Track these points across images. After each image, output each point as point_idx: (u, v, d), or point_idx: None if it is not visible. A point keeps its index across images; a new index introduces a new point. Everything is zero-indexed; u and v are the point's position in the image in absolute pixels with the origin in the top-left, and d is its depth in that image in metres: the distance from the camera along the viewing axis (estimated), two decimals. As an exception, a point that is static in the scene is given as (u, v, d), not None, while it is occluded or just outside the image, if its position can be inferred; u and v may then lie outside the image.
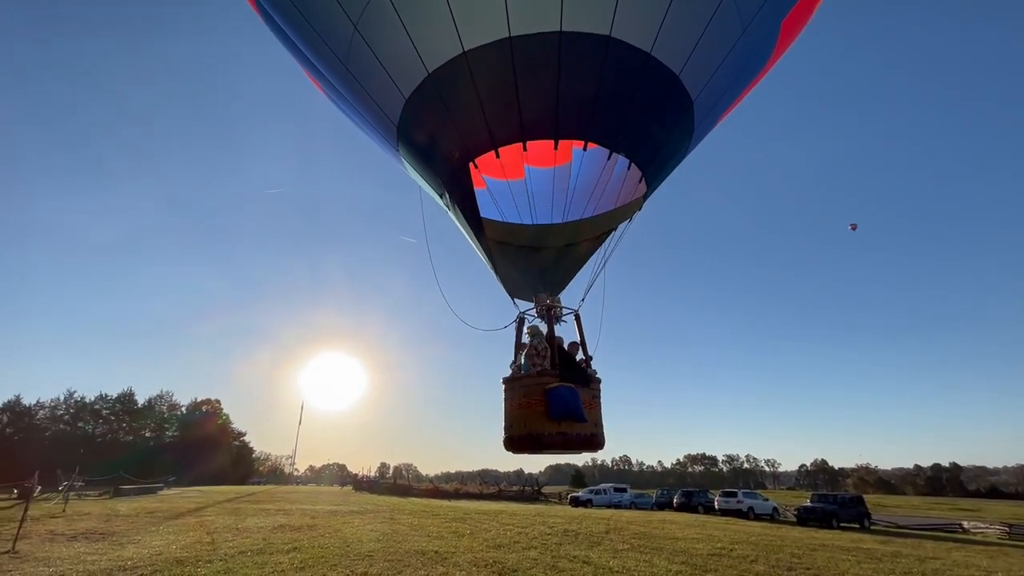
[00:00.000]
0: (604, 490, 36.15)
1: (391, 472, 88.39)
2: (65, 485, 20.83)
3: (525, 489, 44.38)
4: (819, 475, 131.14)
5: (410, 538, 11.67)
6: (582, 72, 5.28)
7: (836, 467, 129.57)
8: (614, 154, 5.83)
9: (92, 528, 12.04)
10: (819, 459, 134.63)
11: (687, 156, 7.20)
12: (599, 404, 6.11)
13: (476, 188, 6.13)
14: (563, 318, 6.64)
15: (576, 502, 34.63)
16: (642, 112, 5.77)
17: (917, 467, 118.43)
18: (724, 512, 28.85)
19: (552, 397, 5.58)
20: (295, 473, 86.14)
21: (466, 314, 7.29)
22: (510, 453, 6.03)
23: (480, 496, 39.40)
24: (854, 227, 37.86)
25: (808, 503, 26.60)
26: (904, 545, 16.38)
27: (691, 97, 5.81)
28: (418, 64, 5.28)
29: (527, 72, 5.20)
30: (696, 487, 41.18)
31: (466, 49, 5.04)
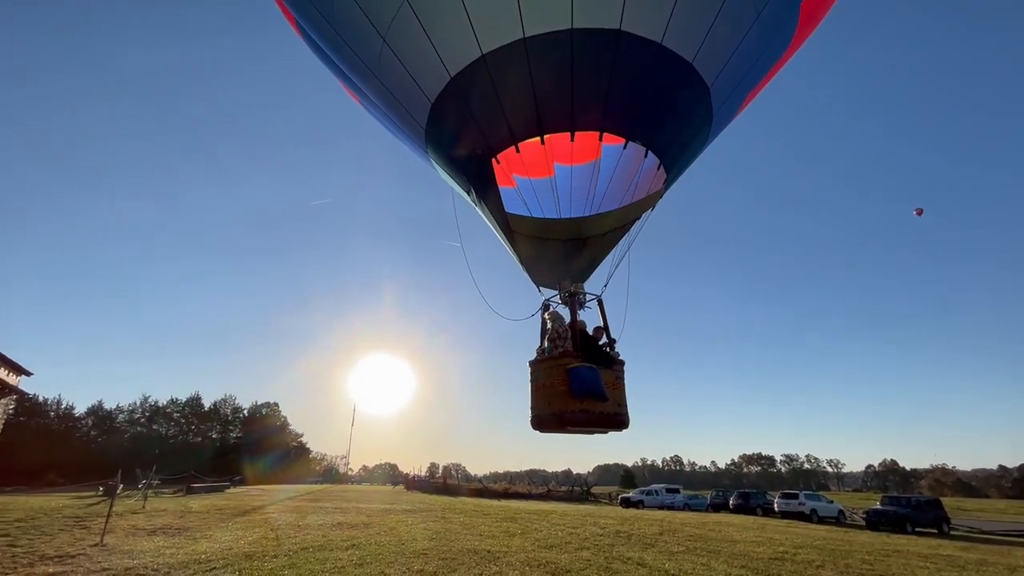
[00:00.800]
0: (656, 491, 35.37)
1: (440, 472, 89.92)
2: (144, 483, 22.42)
3: (574, 489, 44.08)
4: (888, 476, 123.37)
5: (462, 537, 11.81)
6: (594, 66, 5.47)
7: (908, 468, 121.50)
8: (631, 143, 6.00)
9: (169, 524, 12.88)
10: (888, 459, 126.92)
11: (712, 143, 7.34)
12: (623, 385, 6.29)
13: (506, 187, 6.47)
14: (586, 304, 6.91)
15: (627, 503, 34.06)
16: (657, 101, 5.94)
17: (1002, 468, 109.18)
18: (784, 515, 27.61)
19: (574, 376, 5.85)
20: (349, 473, 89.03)
21: (504, 309, 7.51)
22: (539, 433, 6.28)
23: (529, 496, 39.43)
24: (919, 212, 35.27)
25: (878, 506, 24.97)
26: (990, 552, 15.11)
27: (707, 84, 5.91)
28: (441, 69, 5.65)
29: (542, 70, 5.46)
30: (753, 488, 39.58)
31: (484, 52, 5.36)
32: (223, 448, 62.92)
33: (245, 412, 70.36)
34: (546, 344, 6.53)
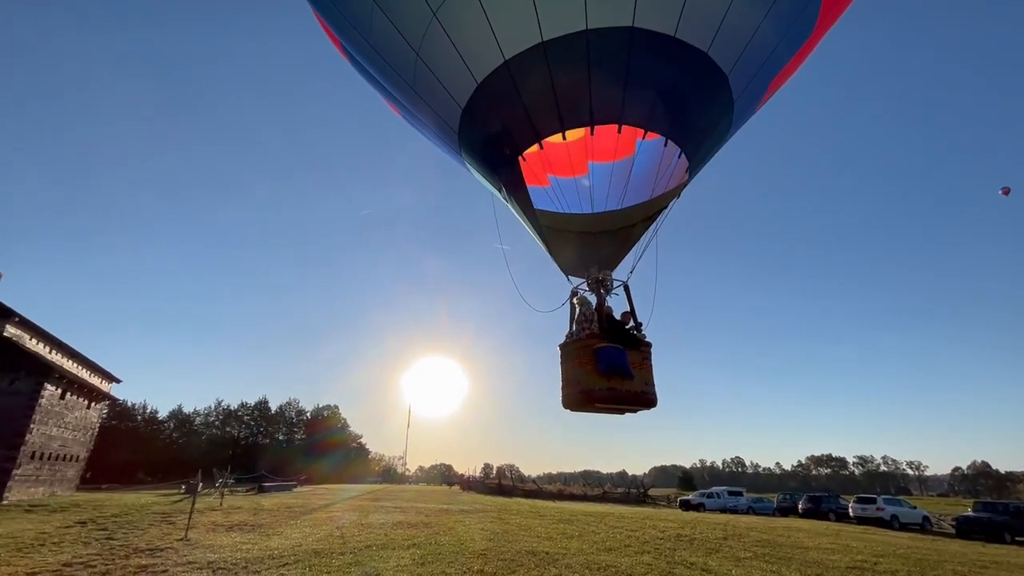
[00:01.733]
0: (717, 493, 34.06)
1: (494, 473, 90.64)
2: (220, 482, 23.94)
3: (630, 491, 43.18)
4: (980, 480, 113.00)
5: (520, 538, 11.82)
6: (610, 64, 5.71)
7: (1002, 471, 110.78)
8: (653, 136, 6.24)
9: (244, 520, 13.68)
10: (978, 461, 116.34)
11: (738, 131, 7.52)
12: (650, 366, 6.62)
13: (541, 186, 6.92)
14: (613, 290, 7.19)
15: (686, 506, 33.02)
16: (674, 93, 6.06)
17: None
18: (861, 520, 25.85)
19: (600, 355, 6.19)
20: (406, 473, 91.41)
21: (545, 305, 7.81)
22: (569, 411, 6.64)
23: (584, 498, 39.02)
24: (1006, 191, 32.04)
25: (970, 512, 22.90)
26: (1109, 566, 13.49)
27: (724, 72, 6.00)
28: (469, 77, 6.12)
29: (560, 70, 5.77)
30: (824, 492, 37.32)
31: (507, 58, 5.77)
32: (289, 449, 66.25)
33: (308, 415, 73.76)
34: (574, 328, 6.88)
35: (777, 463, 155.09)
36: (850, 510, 27.06)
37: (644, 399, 6.40)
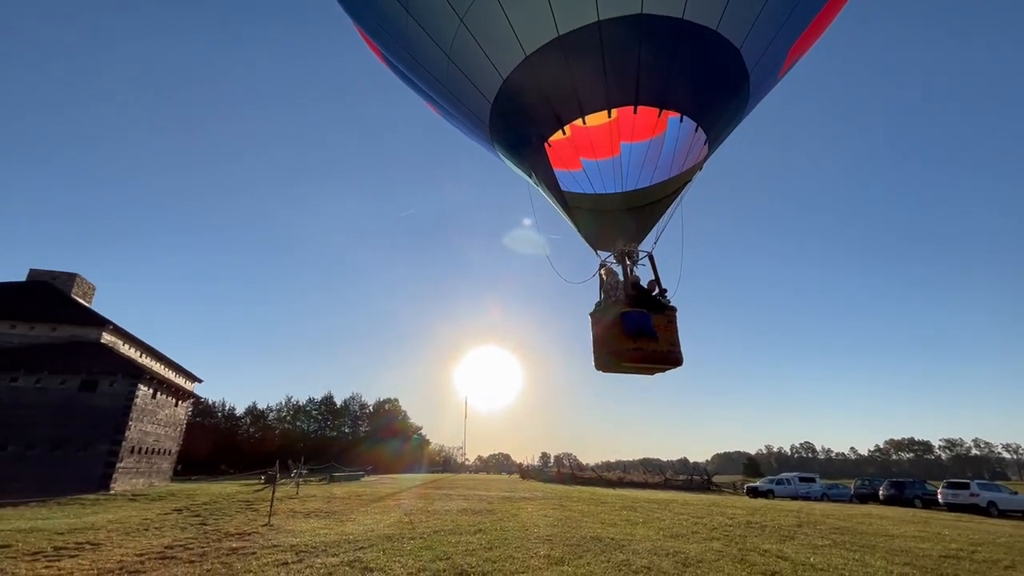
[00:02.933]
0: (787, 480, 32.59)
1: (552, 461, 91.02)
2: (295, 473, 25.41)
3: (693, 478, 42.12)
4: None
5: (584, 524, 11.81)
6: (622, 49, 6.04)
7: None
8: (668, 114, 6.55)
9: (319, 508, 14.47)
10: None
11: (763, 98, 7.75)
12: (675, 328, 7.01)
13: (573, 170, 7.33)
14: (639, 261, 7.65)
15: (754, 493, 31.85)
16: (685, 71, 6.30)
17: None
18: (952, 507, 23.99)
19: (625, 319, 6.73)
20: (465, 462, 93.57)
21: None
22: (602, 372, 7.13)
23: (645, 485, 38.52)
24: None
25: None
26: None
27: (736, 46, 6.24)
28: (495, 74, 6.62)
29: (577, 60, 6.20)
30: (909, 477, 34.89)
31: (527, 54, 6.22)
32: (354, 441, 69.37)
33: (370, 408, 76.84)
34: (602, 296, 7.37)
35: (852, 448, 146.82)
36: (939, 496, 25.14)
37: (670, 358, 6.85)
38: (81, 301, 26.36)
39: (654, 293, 7.37)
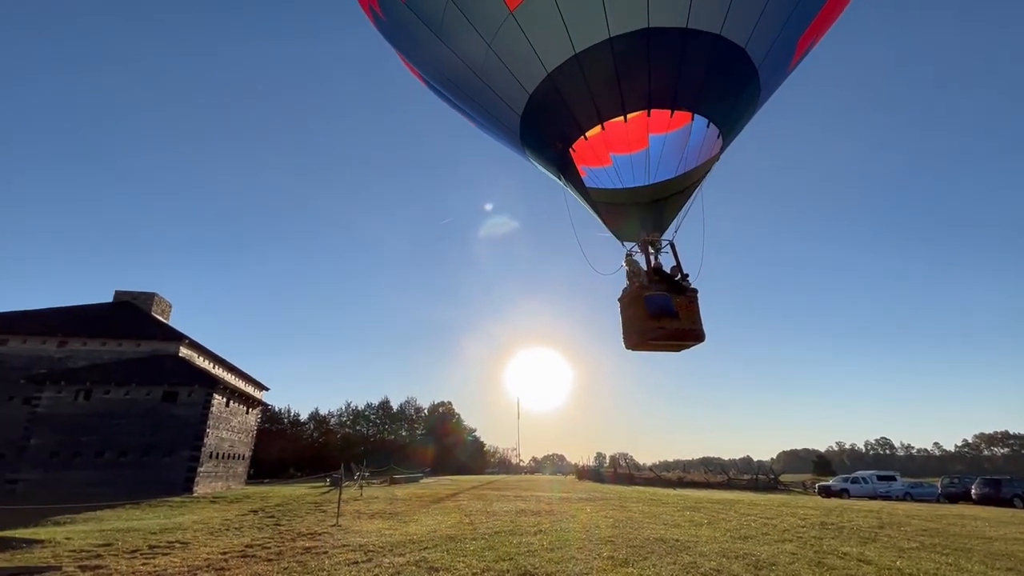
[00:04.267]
0: (864, 478, 30.52)
1: (608, 461, 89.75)
2: (358, 475, 26.34)
3: (759, 478, 40.26)
4: None
5: (645, 525, 11.56)
6: (632, 62, 6.61)
7: None
8: (679, 113, 7.08)
9: (383, 509, 14.93)
10: None
11: (777, 89, 8.28)
12: (696, 307, 7.61)
13: (603, 166, 7.83)
14: (662, 249, 8.23)
15: (827, 492, 30.07)
16: (691, 73, 6.78)
17: None
18: (1059, 507, 21.67)
19: (648, 301, 7.41)
20: (520, 463, 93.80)
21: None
22: (630, 352, 7.89)
23: (707, 485, 37.24)
24: None
25: None
26: None
27: (740, 45, 6.68)
28: (521, 90, 7.39)
29: (592, 75, 6.82)
30: (1005, 474, 31.88)
31: (548, 71, 6.96)
32: (411, 443, 71.19)
33: (425, 411, 78.66)
34: (627, 283, 8.07)
35: (935, 443, 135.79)
36: (1043, 495, 22.83)
37: (692, 334, 7.47)
38: (160, 318, 28.55)
39: (677, 278, 7.89)
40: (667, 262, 8.27)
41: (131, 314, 27.24)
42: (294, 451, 63.85)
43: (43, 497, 16.99)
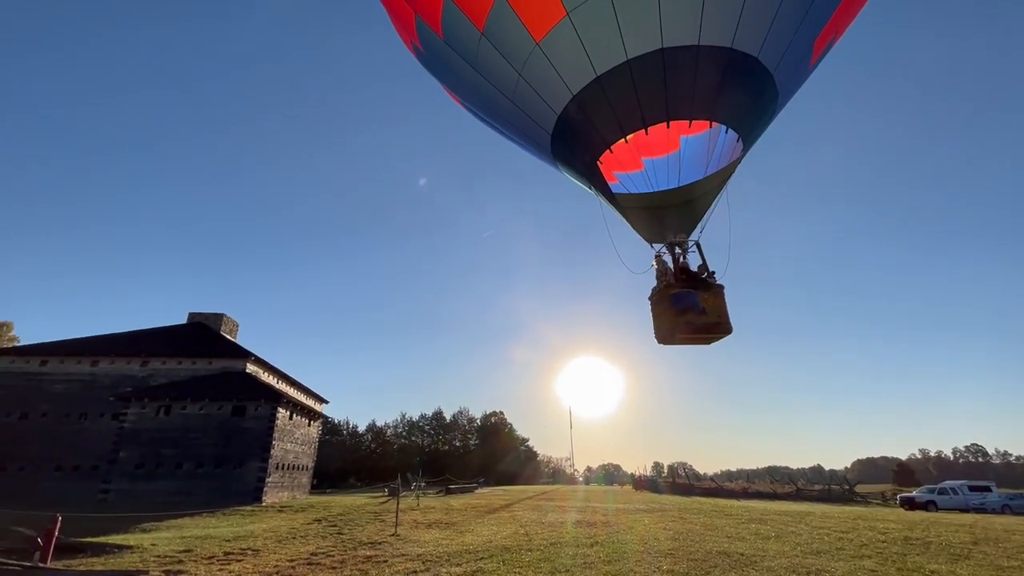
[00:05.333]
0: (953, 489, 27.96)
1: (665, 471, 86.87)
2: (415, 485, 26.84)
3: (832, 488, 37.74)
4: None
5: (707, 538, 11.10)
6: (647, 75, 7.10)
7: None
8: (696, 123, 7.58)
9: (439, 519, 15.14)
10: None
11: (799, 87, 8.72)
12: (722, 302, 8.04)
13: (635, 171, 8.28)
14: (689, 249, 8.67)
15: (910, 504, 27.76)
16: (707, 84, 7.21)
17: None
18: None
19: (674, 298, 7.99)
20: (575, 474, 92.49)
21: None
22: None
23: (774, 496, 35.27)
24: None
25: None
26: None
27: (752, 55, 7.06)
28: (551, 112, 8.07)
29: (612, 93, 7.35)
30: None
31: (574, 93, 7.57)
32: (464, 453, 71.83)
33: (478, 421, 79.22)
34: (656, 282, 8.64)
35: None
36: None
37: (718, 328, 7.93)
38: (228, 337, 30.47)
39: (703, 275, 8.34)
40: (695, 261, 8.81)
41: (203, 334, 29.23)
42: (353, 461, 66.02)
43: (131, 506, 18.42)
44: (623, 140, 7.75)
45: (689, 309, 7.85)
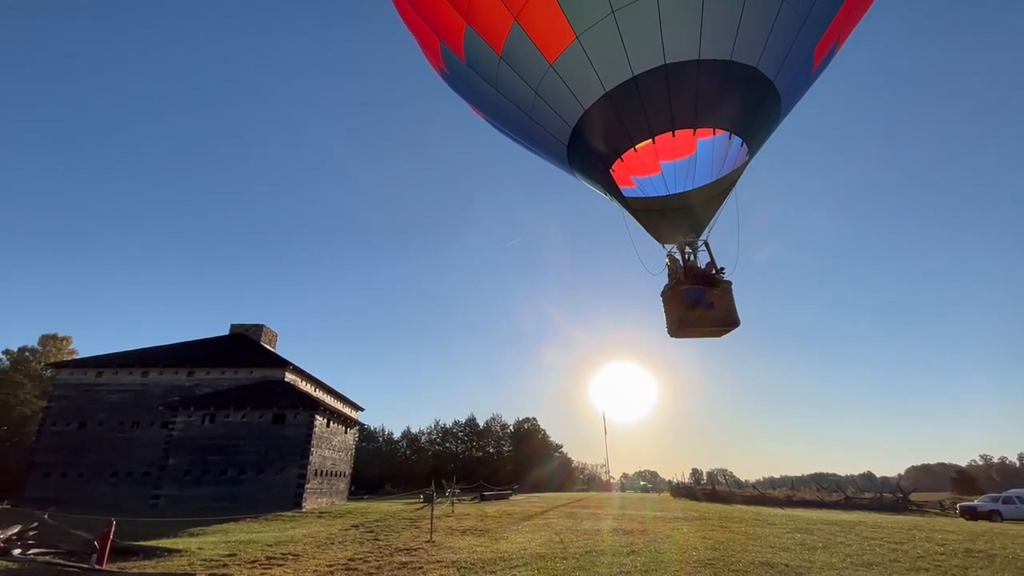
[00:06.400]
0: (1020, 498, 26.14)
1: (704, 477, 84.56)
2: (450, 492, 26.98)
3: (884, 496, 35.88)
4: None
5: (749, 548, 10.71)
6: (652, 90, 7.66)
7: None
8: (700, 130, 8.05)
9: (474, 526, 15.16)
10: None
11: (804, 93, 9.29)
12: (730, 297, 8.67)
13: (652, 175, 8.79)
14: (699, 248, 9.24)
15: (971, 513, 26.09)
16: (710, 95, 7.71)
17: None
18: None
19: (684, 294, 8.61)
20: (611, 480, 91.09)
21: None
22: (675, 339, 9.16)
23: (821, 504, 33.78)
24: None
25: None
26: None
27: (752, 65, 7.54)
28: (565, 126, 8.72)
29: (621, 106, 7.95)
30: None
31: (585, 108, 8.16)
32: (498, 460, 71.76)
33: (511, 427, 79.09)
34: (668, 280, 9.23)
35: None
36: None
37: (726, 321, 8.55)
38: (267, 347, 31.50)
39: (712, 272, 8.89)
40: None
41: (244, 344, 30.35)
42: (389, 468, 66.89)
43: (180, 511, 19.19)
44: (633, 149, 8.36)
45: (698, 304, 8.52)
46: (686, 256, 9.25)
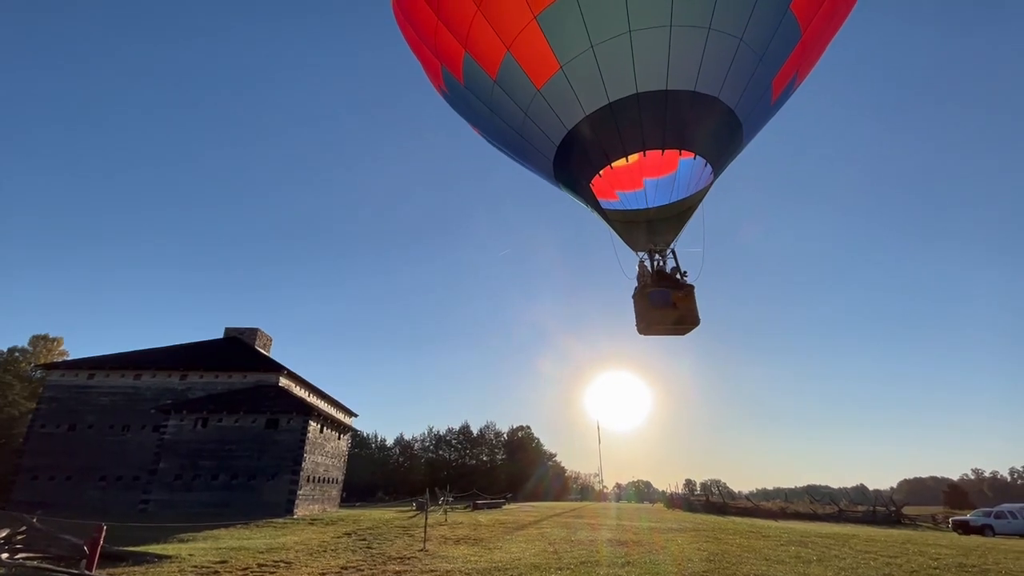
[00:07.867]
0: (1012, 512, 26.15)
1: (698, 489, 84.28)
2: (443, 500, 26.79)
3: (877, 509, 35.87)
4: None
5: (744, 561, 10.68)
6: (625, 117, 8.69)
7: None
8: (669, 151, 9.05)
9: (467, 534, 15.04)
10: None
11: (766, 123, 10.57)
12: (692, 299, 9.74)
13: (635, 190, 9.81)
14: (667, 255, 10.31)
15: (964, 528, 26.09)
16: (676, 121, 8.76)
17: None
18: None
19: (651, 295, 9.71)
20: (604, 490, 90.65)
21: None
22: (644, 336, 10.27)
23: (814, 517, 33.71)
24: None
25: None
26: None
27: (713, 95, 8.54)
28: (550, 143, 9.78)
29: (598, 129, 9.03)
30: None
31: (568, 128, 9.25)
32: (492, 468, 71.35)
33: (504, 436, 78.72)
34: (637, 284, 10.29)
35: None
36: None
37: (687, 319, 9.62)
38: (262, 351, 31.28)
39: (677, 276, 9.98)
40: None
41: (238, 348, 30.12)
42: (382, 475, 66.40)
43: (170, 516, 18.96)
44: (609, 166, 9.40)
45: (663, 305, 9.57)
46: (655, 262, 10.27)
